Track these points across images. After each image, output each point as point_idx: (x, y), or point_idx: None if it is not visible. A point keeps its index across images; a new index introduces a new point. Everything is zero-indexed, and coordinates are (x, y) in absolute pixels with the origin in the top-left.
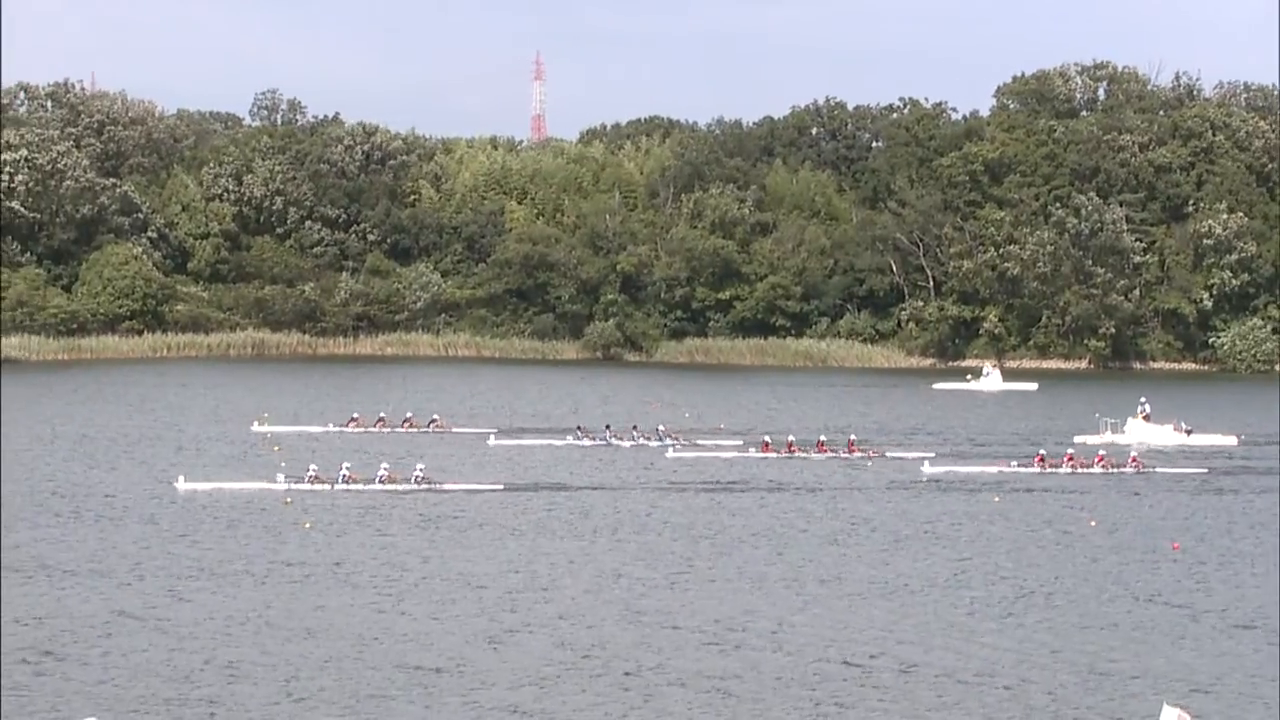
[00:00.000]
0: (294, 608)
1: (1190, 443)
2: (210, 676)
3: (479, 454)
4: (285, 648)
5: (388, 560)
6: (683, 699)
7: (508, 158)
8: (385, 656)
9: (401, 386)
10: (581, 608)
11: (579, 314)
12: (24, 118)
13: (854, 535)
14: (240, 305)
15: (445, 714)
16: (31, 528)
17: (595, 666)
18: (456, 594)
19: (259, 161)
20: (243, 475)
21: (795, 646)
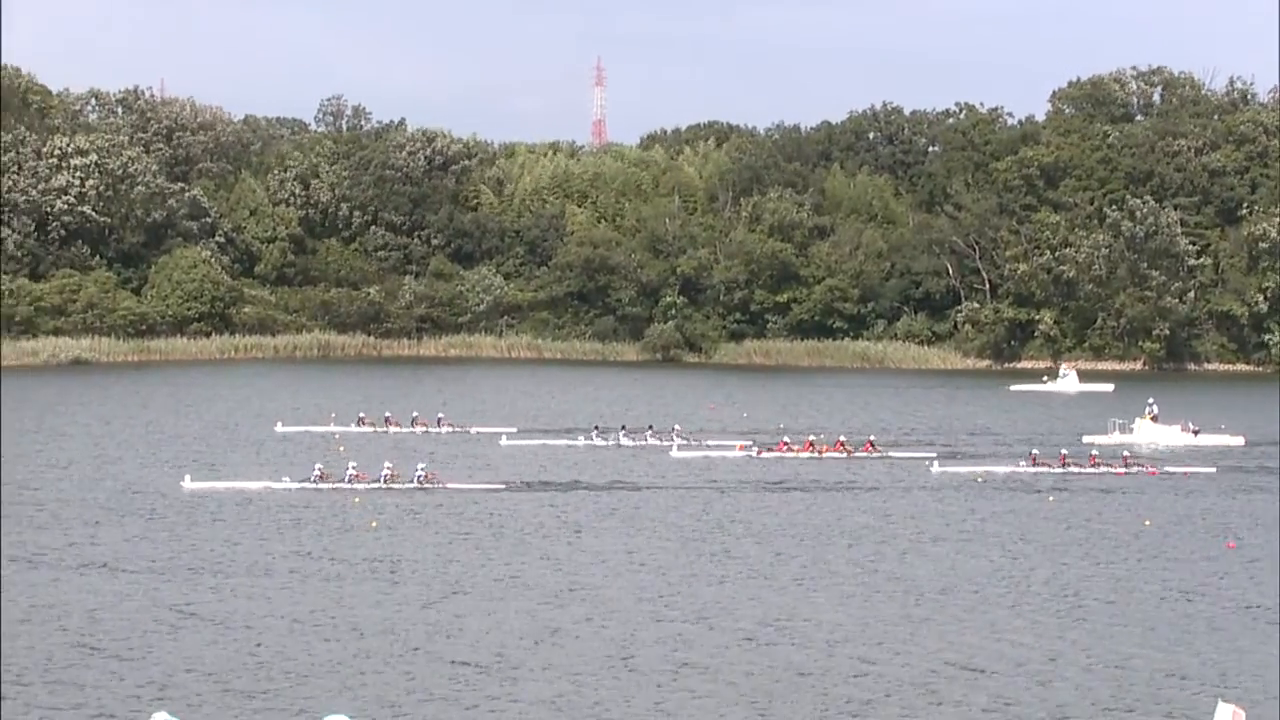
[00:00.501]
0: (344, 605)
1: (1198, 443)
2: (265, 672)
3: (490, 453)
4: (335, 645)
5: (434, 558)
6: (725, 697)
7: (569, 162)
8: (433, 653)
9: (457, 387)
10: (625, 605)
11: (639, 316)
12: (95, 124)
13: (901, 533)
14: (306, 308)
15: (492, 711)
16: (87, 524)
17: (639, 664)
18: (502, 592)
19: (325, 167)
20: (249, 475)
21: (837, 644)
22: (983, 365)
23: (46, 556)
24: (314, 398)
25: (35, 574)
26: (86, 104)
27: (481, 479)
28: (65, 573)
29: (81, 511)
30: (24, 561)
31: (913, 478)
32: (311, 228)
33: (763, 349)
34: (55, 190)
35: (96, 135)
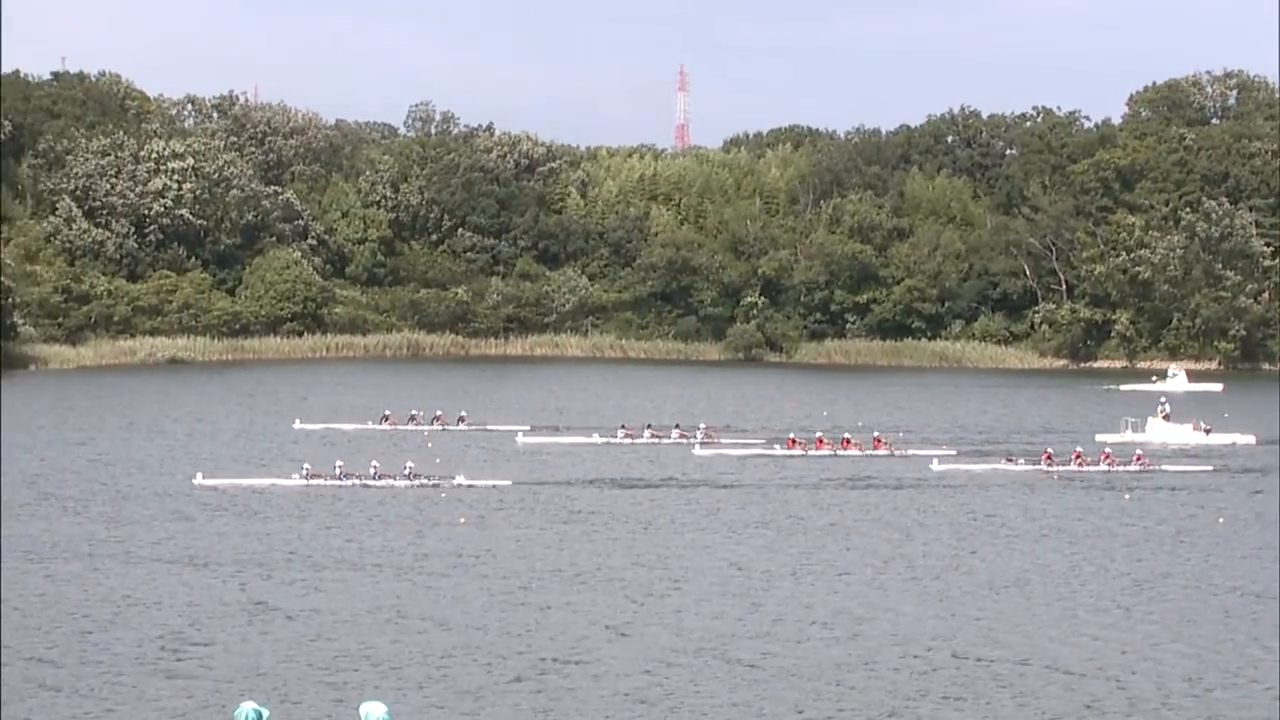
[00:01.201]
0: (423, 599)
1: (1209, 442)
2: (347, 664)
3: (508, 450)
4: (416, 637)
5: (508, 553)
6: (800, 690)
7: (653, 165)
8: (511, 646)
9: (532, 386)
10: (700, 600)
11: (721, 316)
12: (191, 129)
13: (970, 530)
14: (396, 308)
15: (569, 702)
16: (180, 520)
17: (713, 656)
18: (579, 586)
19: (414, 170)
20: (260, 472)
21: (907, 638)
22: (1059, 365)
23: (144, 551)
24: (396, 395)
25: (132, 568)
26: (183, 109)
27: (517, 474)
28: (153, 566)
29: (172, 507)
30: (121, 557)
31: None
32: (401, 230)
33: (842, 349)
34: (153, 194)
35: (193, 140)
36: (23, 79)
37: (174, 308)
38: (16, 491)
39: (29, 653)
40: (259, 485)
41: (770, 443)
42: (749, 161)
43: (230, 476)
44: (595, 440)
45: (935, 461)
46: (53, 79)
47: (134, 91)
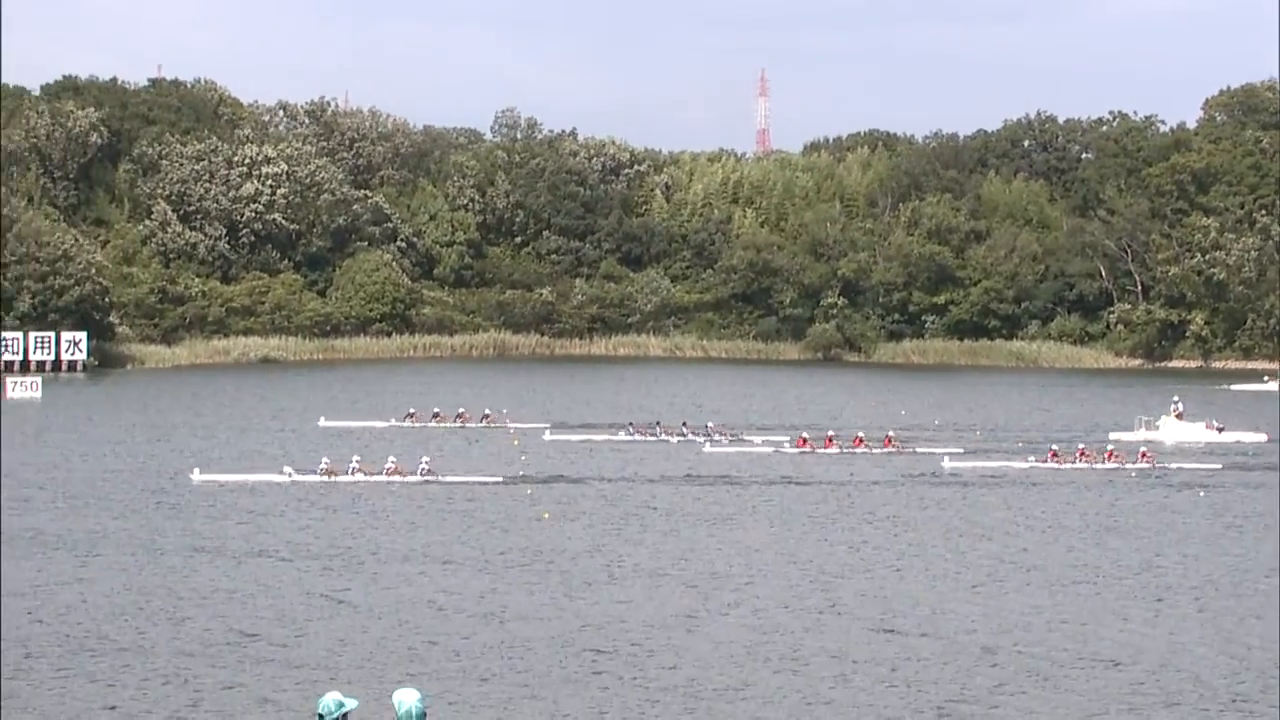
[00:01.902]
0: (485, 593)
1: (1221, 440)
2: (408, 657)
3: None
4: (477, 631)
5: (565, 549)
6: (856, 684)
7: (734, 169)
8: (571, 641)
9: (619, 385)
10: (765, 596)
11: (801, 317)
12: (283, 134)
13: (1028, 527)
14: (482, 309)
15: (631, 697)
16: (258, 515)
17: (774, 652)
18: (638, 581)
19: (501, 174)
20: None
21: (957, 633)
22: (1134, 364)
23: (230, 546)
24: (476, 394)
25: (220, 561)
26: (275, 115)
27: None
28: (228, 559)
29: (244, 502)
30: (205, 551)
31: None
32: (488, 232)
33: (920, 348)
34: (246, 198)
35: (285, 145)
36: (120, 86)
37: (266, 309)
38: (108, 487)
39: (123, 643)
40: (252, 480)
41: (782, 441)
42: (829, 165)
43: (229, 472)
44: (620, 437)
45: (946, 459)
46: (149, 86)
47: (228, 98)
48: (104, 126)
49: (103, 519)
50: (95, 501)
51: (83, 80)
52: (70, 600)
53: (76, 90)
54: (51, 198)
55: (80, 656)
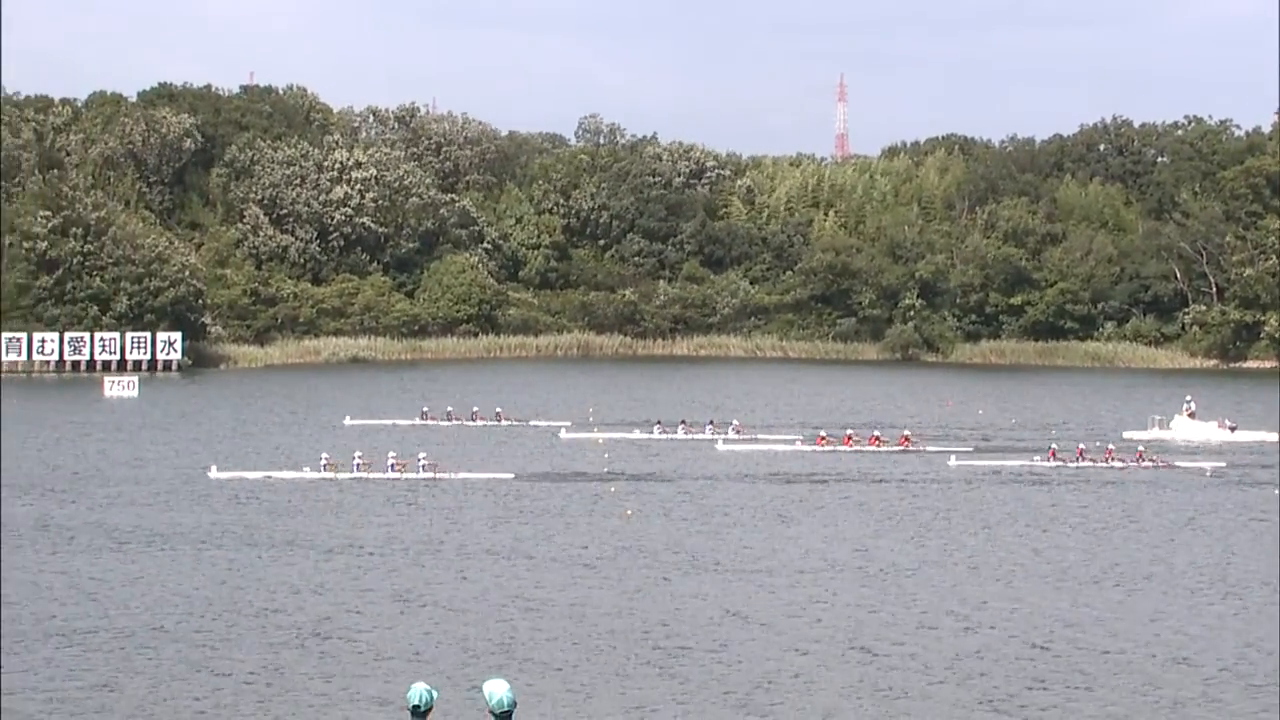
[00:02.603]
0: (557, 587)
1: (1233, 439)
2: (482, 650)
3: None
4: (549, 625)
5: (630, 544)
6: (918, 679)
7: (814, 173)
8: (635, 635)
9: (707, 386)
10: (825, 592)
11: (879, 318)
12: (372, 139)
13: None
14: (567, 310)
15: (706, 688)
16: (337, 512)
17: (839, 648)
18: (702, 576)
19: (585, 178)
20: (281, 465)
21: (1021, 629)
22: (1209, 365)
23: (318, 541)
24: (564, 395)
25: (304, 556)
26: (365, 120)
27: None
28: (306, 552)
29: (323, 498)
30: (285, 545)
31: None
32: (572, 235)
33: (997, 349)
34: (335, 202)
35: (374, 150)
36: (214, 92)
37: (356, 309)
38: (187, 484)
39: (201, 641)
40: (277, 477)
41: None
42: (907, 169)
43: (245, 469)
44: (635, 435)
45: (953, 458)
46: (242, 92)
47: (318, 104)
48: (198, 132)
49: (180, 513)
50: (157, 497)
51: (178, 87)
52: (159, 593)
53: (171, 97)
54: (147, 201)
55: (176, 646)
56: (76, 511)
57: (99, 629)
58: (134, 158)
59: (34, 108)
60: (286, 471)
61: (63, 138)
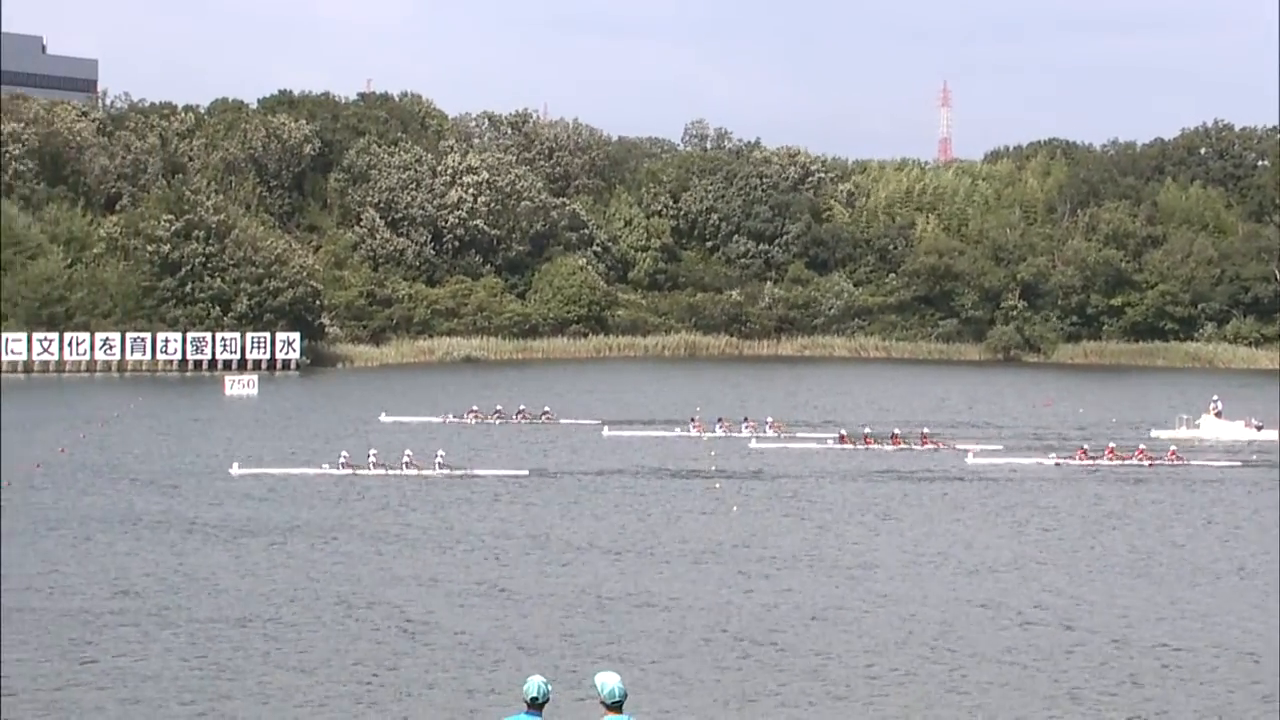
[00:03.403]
0: (627, 581)
1: (1260, 438)
2: (551, 643)
3: (594, 442)
4: (621, 619)
5: (720, 538)
6: (990, 675)
7: (917, 177)
8: (734, 629)
9: (807, 385)
10: (906, 588)
11: (981, 319)
12: (485, 144)
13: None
14: (674, 310)
15: (791, 681)
16: (435, 507)
17: (922, 644)
18: (785, 570)
19: (694, 181)
20: (300, 462)
21: (1092, 626)
22: None
23: (415, 536)
24: (678, 394)
25: (391, 548)
26: (480, 126)
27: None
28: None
29: (414, 493)
30: (378, 538)
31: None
32: (680, 237)
33: (1097, 349)
34: (449, 205)
35: (487, 155)
36: (332, 99)
37: (469, 310)
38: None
39: (312, 630)
40: (295, 474)
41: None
42: (1009, 173)
43: (267, 466)
44: (674, 434)
45: (970, 455)
46: (359, 99)
47: (433, 111)
48: (317, 138)
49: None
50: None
51: (297, 94)
52: (244, 585)
53: (291, 104)
54: (267, 205)
55: (291, 633)
56: (193, 506)
57: (218, 618)
58: (255, 163)
59: (159, 114)
60: (308, 469)
61: (186, 144)
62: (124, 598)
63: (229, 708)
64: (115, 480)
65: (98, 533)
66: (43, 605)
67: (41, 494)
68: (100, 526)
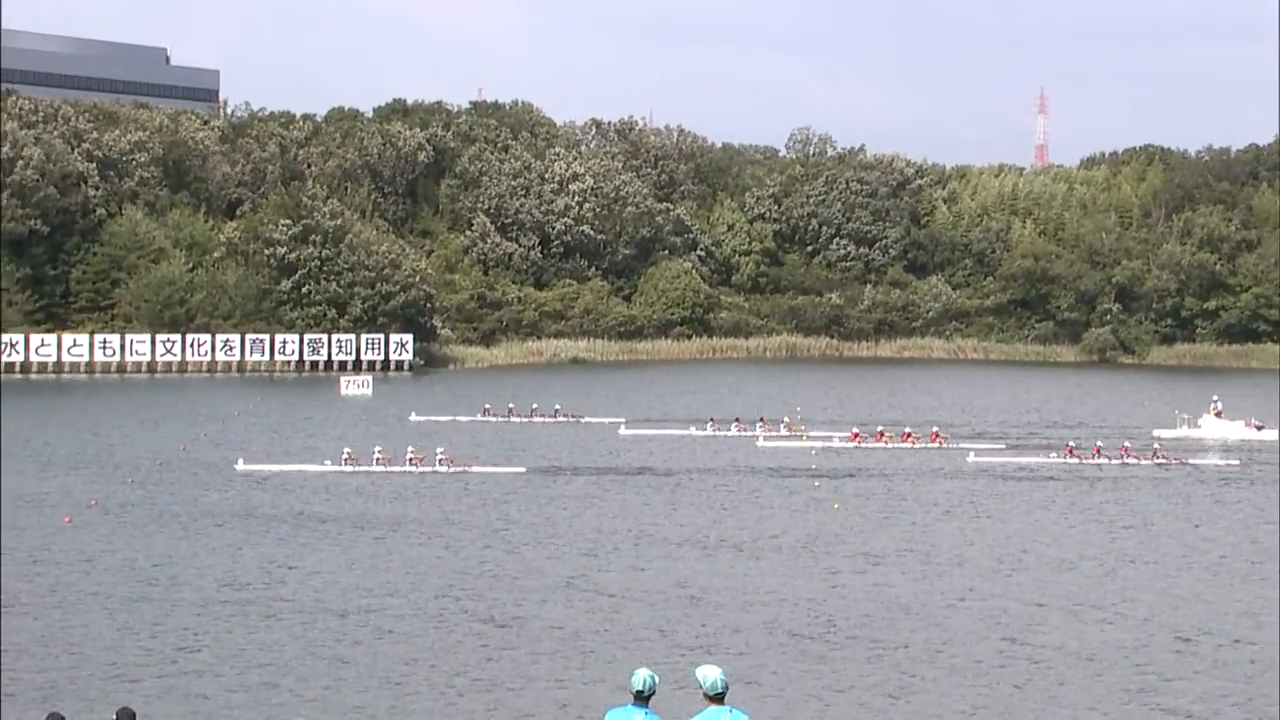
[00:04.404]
0: (714, 576)
1: (1260, 438)
2: (649, 636)
3: (611, 441)
4: (707, 613)
5: (807, 531)
6: (1052, 671)
7: (1014, 182)
8: (811, 622)
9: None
10: (987, 585)
11: (1076, 321)
12: (593, 151)
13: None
14: (775, 313)
15: (870, 673)
16: (501, 501)
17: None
18: (850, 564)
19: (797, 187)
20: (304, 459)
21: (1172, 620)
22: None
23: (506, 532)
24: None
25: (481, 542)
26: (587, 133)
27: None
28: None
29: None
30: (471, 532)
31: None
32: (782, 241)
33: (1191, 352)
34: (557, 211)
35: (593, 162)
36: (444, 108)
37: (576, 313)
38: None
39: (390, 627)
40: (300, 469)
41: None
42: (1105, 178)
43: (270, 463)
44: (692, 432)
45: (972, 454)
46: (471, 108)
47: (542, 119)
48: (429, 145)
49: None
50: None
51: (410, 103)
52: (347, 579)
53: (405, 113)
54: (382, 211)
55: (366, 630)
56: (299, 499)
57: (323, 609)
58: (370, 170)
59: (278, 123)
60: (311, 465)
61: (304, 151)
62: (232, 589)
63: (336, 698)
64: (230, 477)
65: (212, 527)
66: (161, 596)
67: (159, 489)
68: (212, 522)
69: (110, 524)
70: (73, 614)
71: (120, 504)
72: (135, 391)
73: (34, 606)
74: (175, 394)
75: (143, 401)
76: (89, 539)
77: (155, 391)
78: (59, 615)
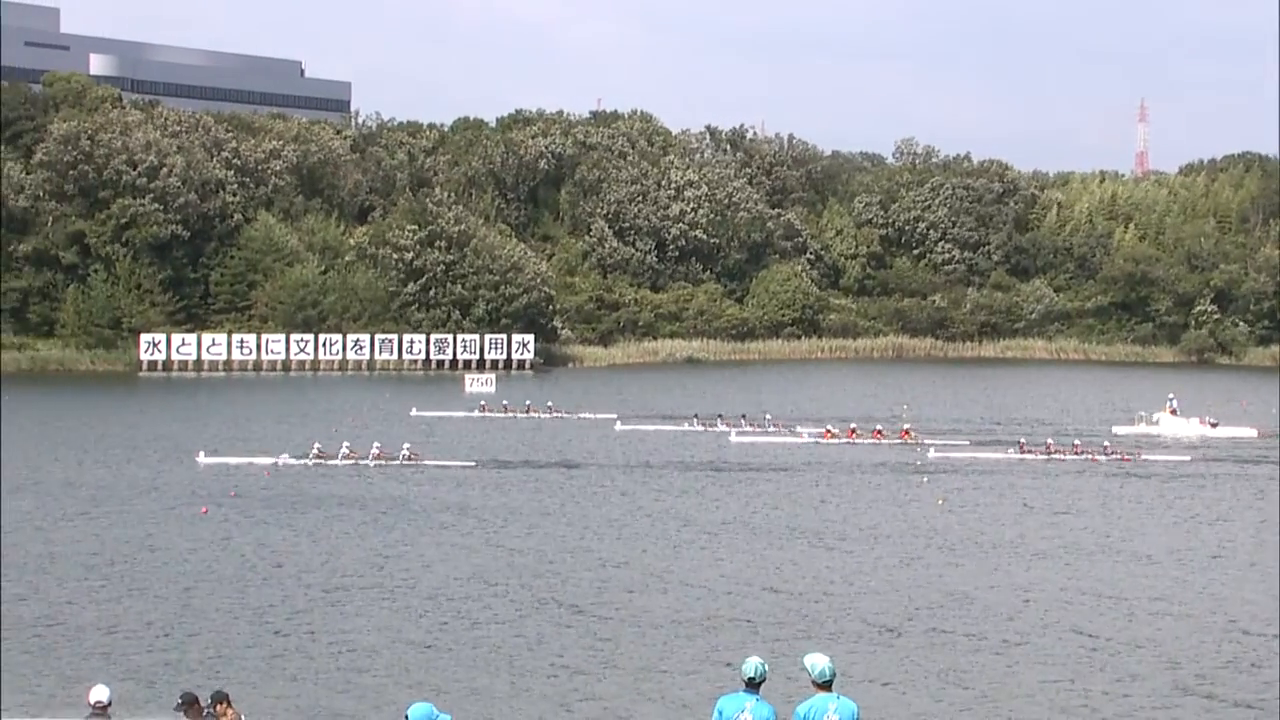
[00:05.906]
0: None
1: (1213, 435)
2: (756, 625)
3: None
4: (753, 603)
5: (844, 521)
6: (1125, 666)
7: (1116, 189)
8: (909, 612)
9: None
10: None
11: (1175, 323)
12: (707, 159)
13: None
14: (882, 315)
15: (969, 661)
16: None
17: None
18: (910, 554)
19: (903, 193)
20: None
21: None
22: None
23: (619, 519)
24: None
25: (602, 533)
26: (701, 140)
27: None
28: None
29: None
30: (566, 522)
31: None
32: (889, 245)
33: None
34: (672, 217)
35: (707, 169)
36: (565, 117)
37: (690, 314)
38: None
39: (485, 616)
40: (260, 463)
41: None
42: (1204, 185)
43: (230, 455)
44: (685, 428)
45: (932, 450)
46: (590, 117)
47: (659, 128)
48: (550, 154)
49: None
50: None
51: (532, 113)
52: (443, 569)
53: (527, 122)
54: (505, 216)
55: (463, 621)
56: (416, 489)
57: (425, 596)
58: (494, 177)
59: (406, 132)
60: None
61: (431, 159)
62: (336, 575)
63: (433, 678)
64: (351, 471)
65: (330, 517)
66: (265, 583)
67: (285, 481)
68: (325, 514)
69: (238, 515)
70: (196, 597)
71: (255, 494)
72: (270, 388)
73: (169, 589)
74: (309, 391)
75: (280, 397)
76: (223, 528)
77: (289, 389)
78: (184, 599)
